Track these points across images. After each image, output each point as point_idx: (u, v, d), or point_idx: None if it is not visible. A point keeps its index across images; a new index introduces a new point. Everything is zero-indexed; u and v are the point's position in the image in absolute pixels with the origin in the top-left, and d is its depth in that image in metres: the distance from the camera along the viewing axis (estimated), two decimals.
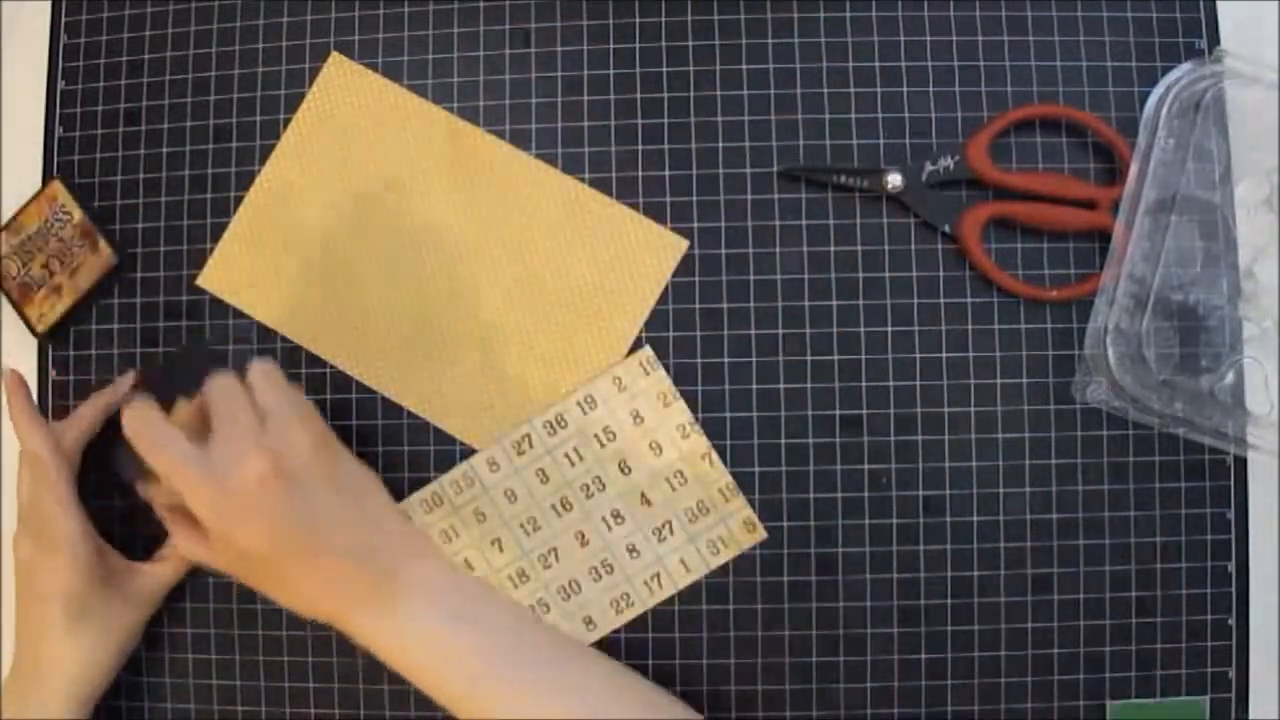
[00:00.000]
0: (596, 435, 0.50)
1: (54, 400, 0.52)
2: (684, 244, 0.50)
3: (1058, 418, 0.49)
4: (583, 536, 0.50)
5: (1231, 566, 0.49)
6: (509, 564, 0.50)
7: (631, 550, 0.49)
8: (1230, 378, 0.48)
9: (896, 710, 0.49)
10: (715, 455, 0.49)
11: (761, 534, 0.49)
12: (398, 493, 0.49)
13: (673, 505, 0.49)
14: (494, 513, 0.50)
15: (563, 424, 0.50)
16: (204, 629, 0.51)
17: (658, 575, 0.49)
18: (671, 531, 0.49)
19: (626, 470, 0.49)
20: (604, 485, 0.49)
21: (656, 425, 0.49)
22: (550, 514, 0.50)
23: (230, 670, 0.51)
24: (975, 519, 0.49)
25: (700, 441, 0.49)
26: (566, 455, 0.50)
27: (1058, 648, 0.49)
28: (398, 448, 0.50)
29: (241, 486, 0.38)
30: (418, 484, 0.50)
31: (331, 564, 0.39)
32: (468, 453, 0.50)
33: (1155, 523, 0.49)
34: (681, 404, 0.49)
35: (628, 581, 0.49)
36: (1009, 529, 0.49)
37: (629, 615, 0.49)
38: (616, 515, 0.49)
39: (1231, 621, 0.49)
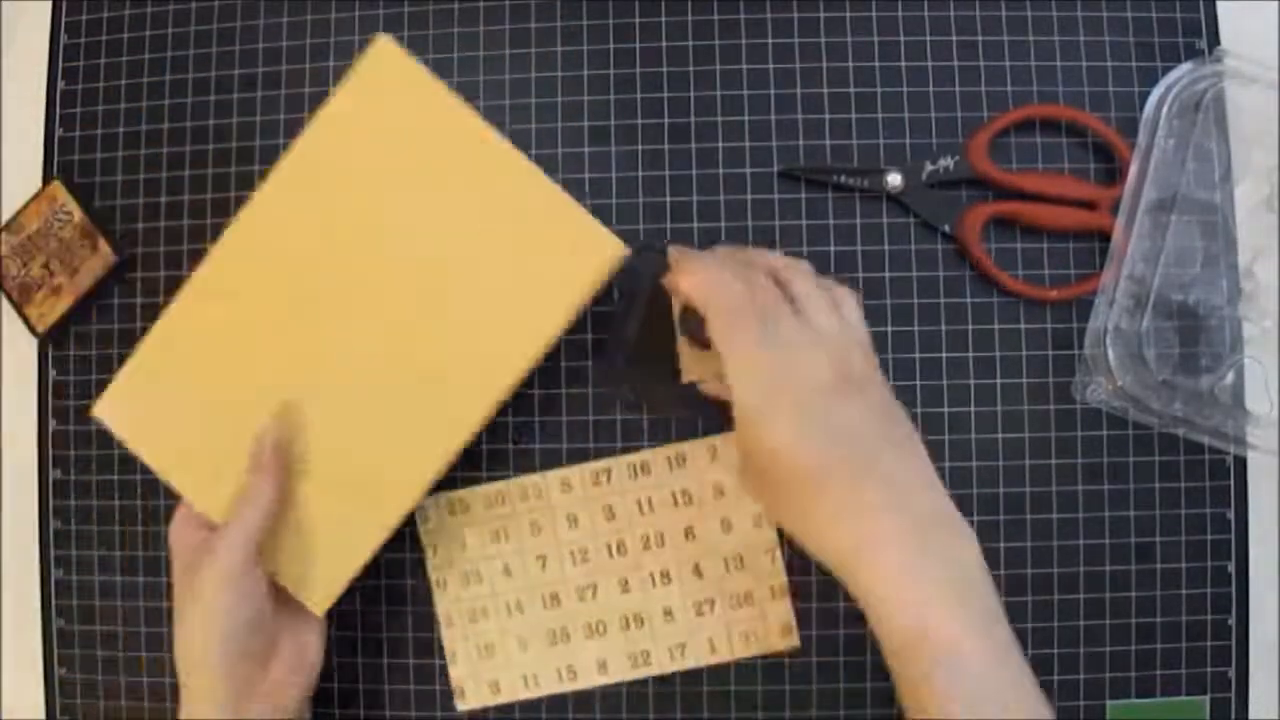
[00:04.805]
0: (674, 494, 0.49)
1: (54, 400, 0.52)
2: (619, 248, 0.42)
3: (1058, 418, 0.49)
4: (626, 583, 0.49)
5: (1231, 566, 0.49)
6: (546, 584, 0.49)
7: (667, 613, 0.49)
8: (1230, 378, 0.48)
9: (896, 710, 0.49)
10: (779, 553, 0.49)
11: (795, 642, 0.49)
12: (471, 480, 0.50)
13: (722, 585, 0.49)
14: (550, 531, 0.49)
15: (646, 471, 0.49)
16: None
17: (684, 646, 0.49)
18: (712, 609, 0.49)
19: (691, 537, 0.49)
20: (664, 542, 0.49)
21: (735, 506, 0.49)
22: (603, 551, 0.49)
23: None
24: (975, 519, 0.49)
25: (770, 536, 0.49)
26: (639, 502, 0.49)
27: (1058, 648, 0.49)
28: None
29: (799, 381, 0.36)
30: (488, 480, 0.50)
31: (864, 492, 0.36)
32: (546, 463, 0.50)
33: (1155, 523, 0.49)
34: None
35: (653, 641, 0.49)
36: (1009, 529, 0.49)
37: (643, 673, 0.49)
38: (665, 575, 0.49)
39: (1231, 621, 0.49)
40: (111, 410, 0.46)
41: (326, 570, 0.45)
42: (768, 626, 0.49)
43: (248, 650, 0.42)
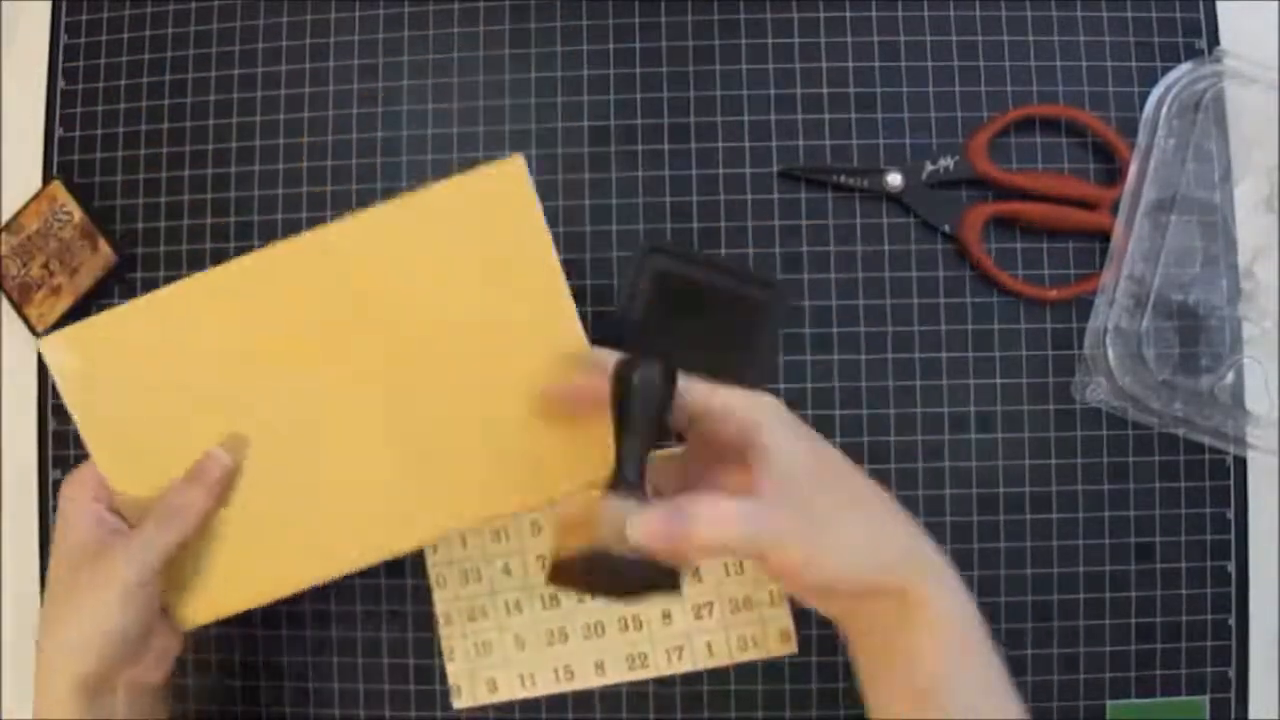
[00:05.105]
0: None
1: (53, 400, 0.52)
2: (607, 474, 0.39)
3: (1058, 418, 0.49)
4: None
5: (1231, 566, 0.49)
6: (546, 585, 0.49)
7: (666, 616, 0.49)
8: (1230, 378, 0.48)
9: None
10: None
11: (793, 648, 0.49)
12: None
13: (721, 589, 0.49)
14: (551, 532, 0.49)
15: None
16: (204, 629, 0.51)
17: (681, 649, 0.49)
18: (710, 613, 0.49)
19: None
20: None
21: None
22: None
23: (230, 670, 0.50)
24: (975, 519, 0.49)
25: None
26: None
27: (1058, 648, 0.49)
28: None
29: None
30: None
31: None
32: None
33: (1155, 523, 0.49)
34: None
35: (651, 643, 0.49)
36: (1009, 529, 0.49)
37: (640, 675, 0.49)
38: None
39: (1231, 621, 0.49)
40: (62, 350, 0.43)
41: (209, 599, 0.44)
42: (766, 632, 0.49)
43: (124, 655, 0.41)
